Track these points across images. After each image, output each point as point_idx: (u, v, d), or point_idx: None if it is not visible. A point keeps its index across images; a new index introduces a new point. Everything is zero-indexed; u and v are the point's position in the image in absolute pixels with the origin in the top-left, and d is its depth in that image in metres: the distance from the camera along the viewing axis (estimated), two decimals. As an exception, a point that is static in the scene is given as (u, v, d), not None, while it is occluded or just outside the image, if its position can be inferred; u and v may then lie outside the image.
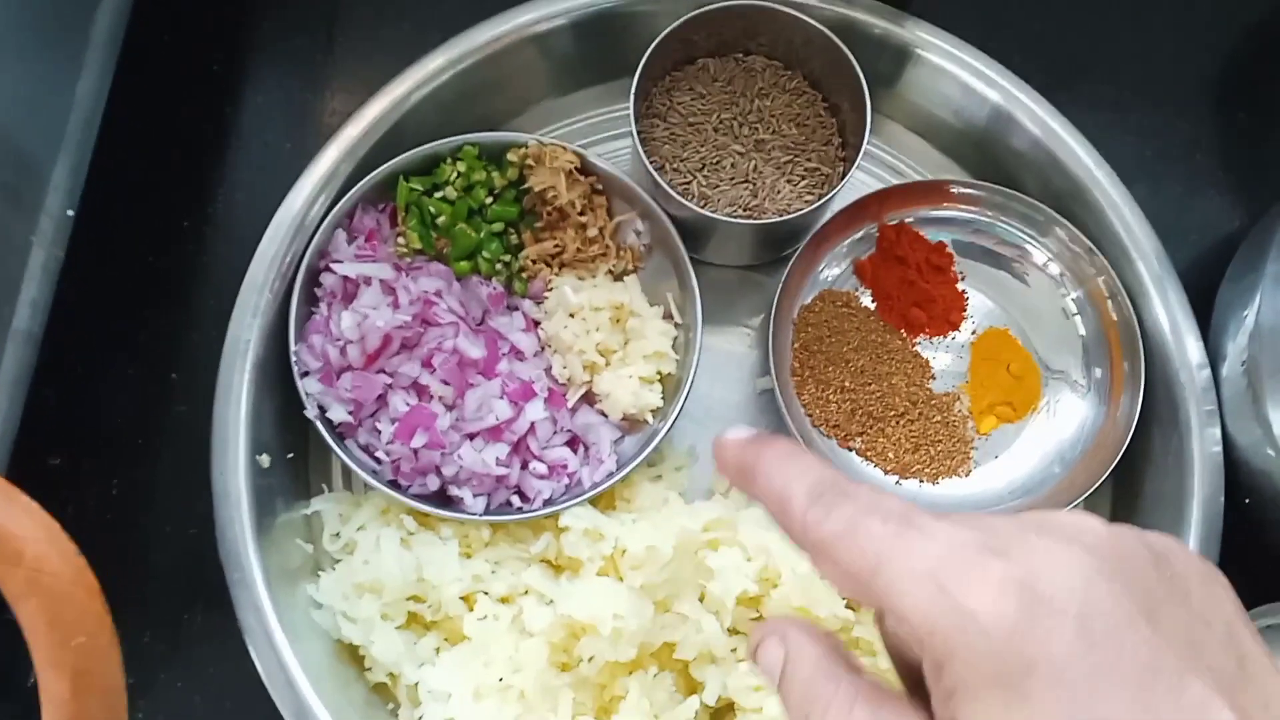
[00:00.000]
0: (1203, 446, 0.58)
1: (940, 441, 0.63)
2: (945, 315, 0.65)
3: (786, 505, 0.31)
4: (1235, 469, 0.58)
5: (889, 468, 0.63)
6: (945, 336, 0.65)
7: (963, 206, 0.65)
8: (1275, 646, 0.58)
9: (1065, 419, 0.63)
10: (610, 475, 0.59)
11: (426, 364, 0.58)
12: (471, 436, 0.58)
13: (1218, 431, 0.58)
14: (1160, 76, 0.72)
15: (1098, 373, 0.63)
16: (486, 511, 0.58)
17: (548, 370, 0.61)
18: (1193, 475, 0.57)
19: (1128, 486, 0.61)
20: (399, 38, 0.70)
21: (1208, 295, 0.63)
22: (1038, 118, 0.63)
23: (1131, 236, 0.61)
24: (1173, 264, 0.67)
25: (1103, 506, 0.62)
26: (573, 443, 0.61)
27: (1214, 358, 0.59)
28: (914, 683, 0.29)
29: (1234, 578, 0.57)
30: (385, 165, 0.61)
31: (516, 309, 0.63)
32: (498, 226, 0.63)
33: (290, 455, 0.60)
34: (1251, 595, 0.57)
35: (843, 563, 0.29)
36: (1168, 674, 0.25)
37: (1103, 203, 0.62)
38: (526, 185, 0.63)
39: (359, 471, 0.57)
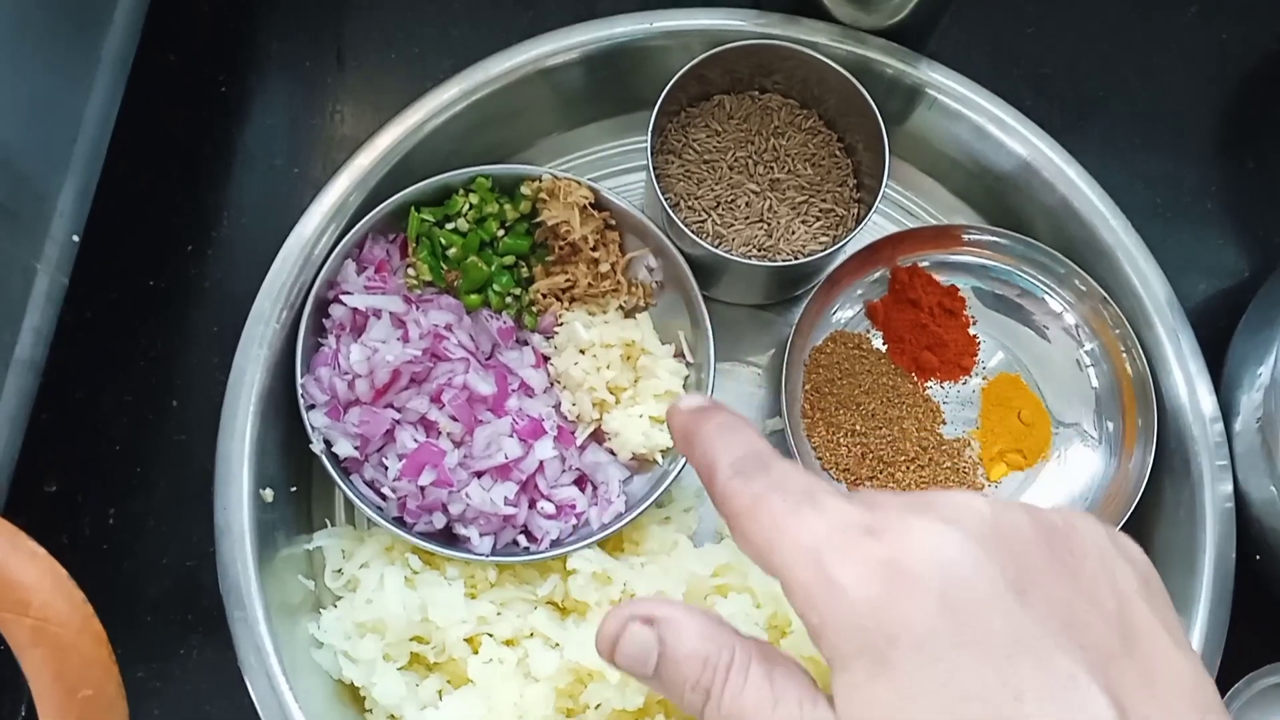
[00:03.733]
0: (1215, 501, 0.57)
1: (950, 488, 0.62)
2: (957, 360, 0.64)
3: (712, 475, 0.31)
4: (1247, 525, 0.57)
5: (898, 513, 0.62)
6: (956, 381, 0.65)
7: (977, 251, 0.65)
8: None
9: (1076, 469, 0.63)
10: (619, 516, 0.58)
11: (436, 399, 0.57)
12: (479, 474, 0.57)
13: (1230, 486, 0.58)
14: (1169, 121, 0.72)
15: (1110, 426, 0.63)
16: (493, 551, 0.57)
17: (557, 407, 0.61)
18: (1204, 530, 0.57)
19: (1138, 538, 0.60)
20: (408, 63, 0.70)
21: (1215, 344, 0.63)
22: (1054, 165, 0.63)
23: (1146, 286, 0.61)
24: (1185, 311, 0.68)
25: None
26: (580, 481, 0.60)
27: (1227, 412, 0.59)
28: None
29: (1245, 635, 0.57)
30: (397, 195, 0.60)
31: (526, 343, 0.62)
32: (509, 259, 0.62)
33: (294, 488, 0.59)
34: (1263, 653, 0.57)
35: (747, 535, 0.30)
36: (1034, 648, 0.26)
37: (1117, 251, 0.62)
38: (539, 219, 0.62)
39: (364, 508, 0.56)
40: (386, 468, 0.56)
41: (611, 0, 0.72)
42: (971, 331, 0.65)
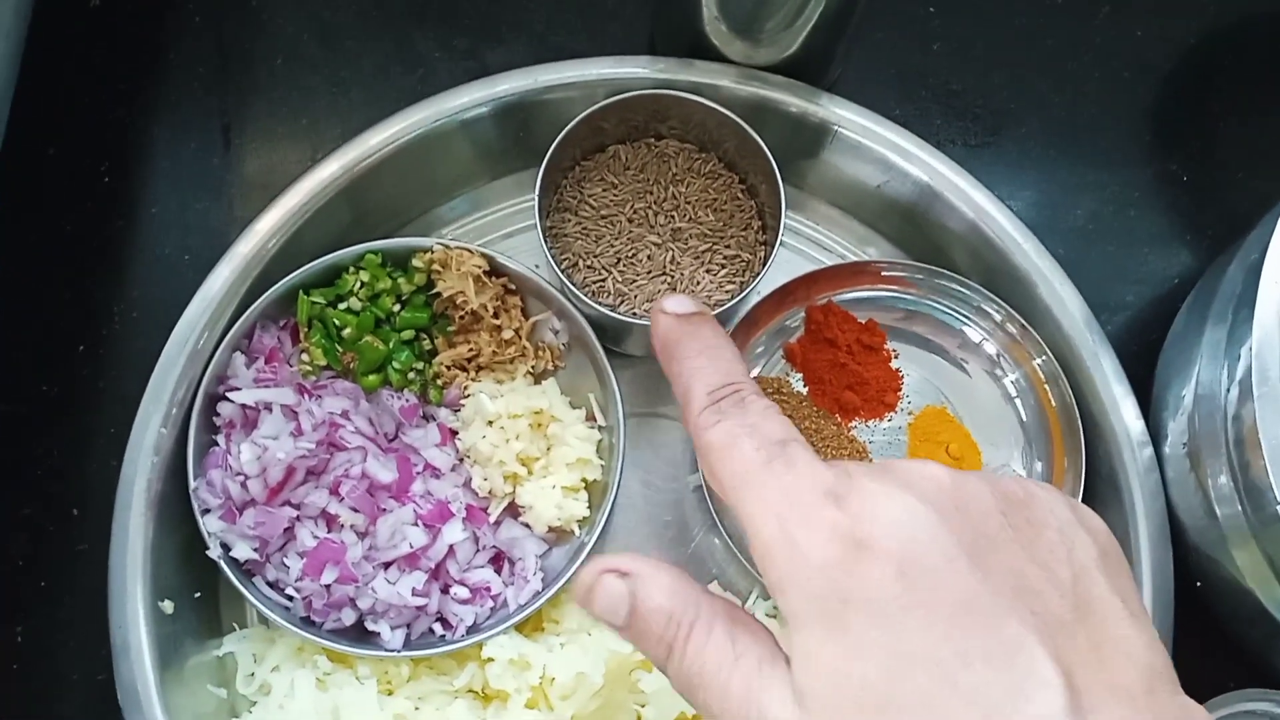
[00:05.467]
0: (1150, 530, 0.55)
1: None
2: (880, 397, 0.62)
3: (688, 399, 0.33)
4: (1185, 552, 0.55)
5: (830, 562, 0.60)
6: (881, 419, 0.63)
7: (893, 285, 0.63)
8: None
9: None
10: (537, 595, 0.56)
11: (334, 491, 0.55)
12: (386, 566, 0.55)
13: (1164, 514, 0.56)
14: (1087, 129, 0.70)
15: (1039, 466, 0.60)
16: (408, 642, 0.55)
17: (467, 483, 0.59)
18: (1142, 559, 0.55)
19: (1076, 570, 0.59)
20: (297, 136, 0.68)
21: (1148, 358, 0.62)
22: (960, 191, 0.61)
23: (1062, 309, 0.59)
24: (1113, 327, 0.66)
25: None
26: (497, 559, 0.58)
27: (1155, 435, 0.57)
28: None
29: (1190, 663, 0.55)
30: (283, 280, 0.58)
31: (432, 419, 0.60)
32: (408, 334, 0.60)
33: (198, 594, 0.57)
34: (1212, 683, 0.55)
35: (715, 471, 0.31)
36: (984, 613, 0.26)
37: (1032, 275, 0.60)
38: (436, 290, 0.60)
39: (267, 612, 0.54)
40: (289, 567, 0.54)
41: (505, 53, 0.71)
42: (894, 366, 0.63)
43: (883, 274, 0.63)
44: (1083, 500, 0.57)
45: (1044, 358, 0.60)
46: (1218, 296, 0.53)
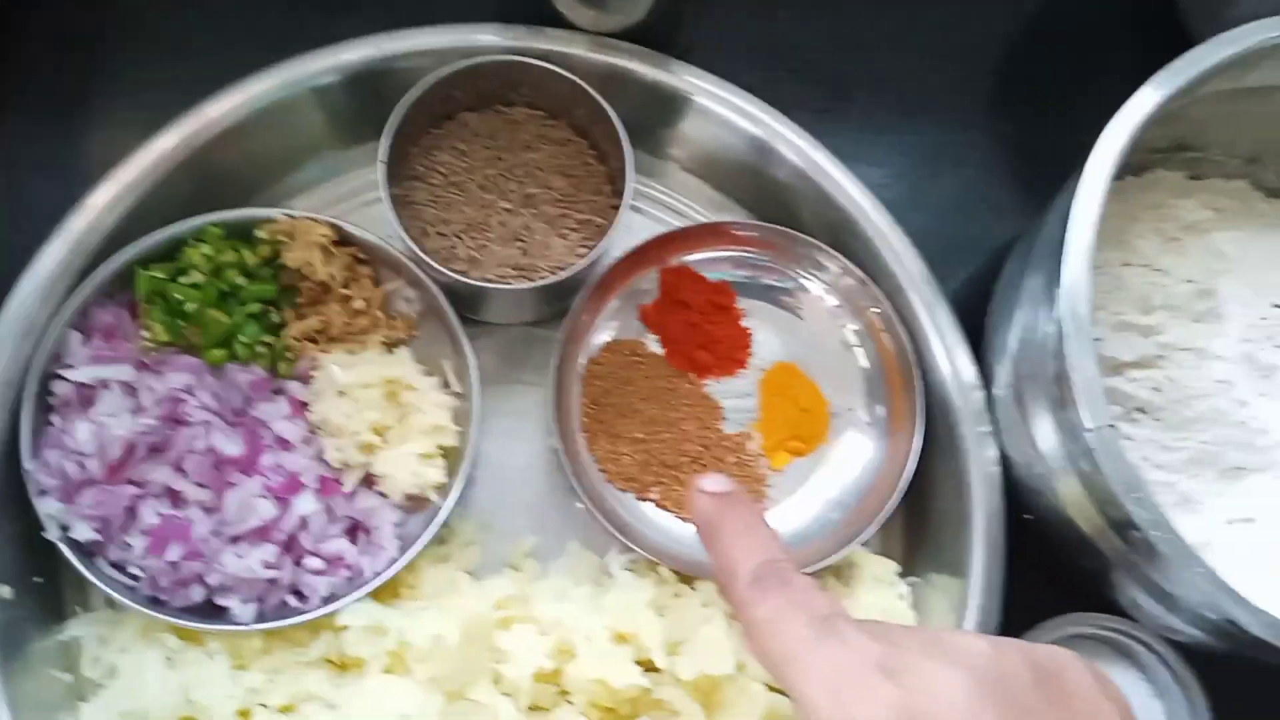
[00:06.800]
0: (980, 467, 0.58)
1: (736, 476, 0.62)
2: (731, 354, 0.64)
3: (732, 579, 0.36)
4: (1014, 487, 0.58)
5: (686, 516, 0.62)
6: (733, 376, 0.64)
7: (742, 245, 0.65)
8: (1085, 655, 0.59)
9: (853, 453, 0.63)
10: (392, 562, 0.56)
11: (178, 467, 0.54)
12: (236, 540, 0.54)
13: (994, 452, 0.58)
14: (929, 93, 0.73)
15: (879, 410, 0.63)
16: (262, 616, 0.55)
17: (320, 455, 0.58)
18: (972, 496, 0.58)
19: (917, 509, 0.62)
20: (137, 109, 0.65)
21: (984, 313, 0.64)
22: (800, 150, 0.63)
23: (899, 263, 0.62)
24: (953, 280, 0.68)
25: (895, 529, 0.62)
26: (353, 530, 0.58)
27: (986, 379, 0.60)
28: None
29: (1031, 592, 0.58)
30: (117, 255, 0.56)
31: (282, 393, 0.59)
32: (255, 308, 0.59)
33: (38, 579, 0.56)
34: (1046, 607, 0.58)
35: (764, 646, 0.34)
36: None
37: (869, 231, 0.62)
38: (283, 262, 0.59)
39: (111, 592, 0.53)
40: (132, 546, 0.53)
41: (355, 20, 0.69)
42: (744, 324, 0.65)
43: (732, 233, 0.65)
44: (921, 445, 0.60)
45: (881, 308, 0.62)
46: (1038, 245, 0.56)
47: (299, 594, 0.55)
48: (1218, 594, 0.47)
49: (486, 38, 0.63)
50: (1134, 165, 0.63)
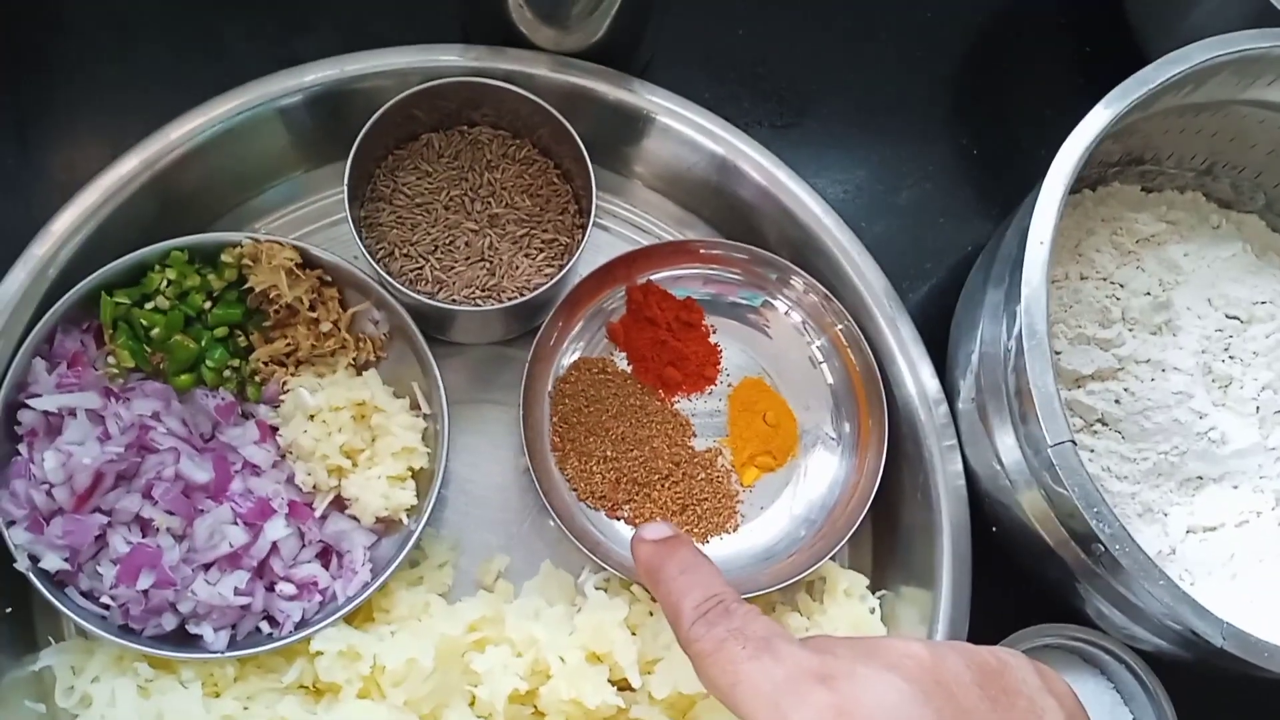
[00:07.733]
0: (946, 480, 0.59)
1: (706, 499, 0.62)
2: (699, 371, 0.65)
3: (678, 616, 0.37)
4: (980, 499, 0.59)
5: (658, 533, 0.62)
6: (702, 392, 0.65)
7: (708, 263, 0.65)
8: (1049, 665, 0.60)
9: (822, 469, 0.63)
10: (365, 586, 0.56)
11: (148, 495, 0.54)
12: (206, 567, 0.54)
13: (959, 465, 0.59)
14: (885, 107, 0.74)
15: (846, 427, 0.64)
16: (234, 643, 0.55)
17: (290, 480, 0.58)
18: (940, 508, 0.59)
19: (886, 522, 0.63)
20: (98, 131, 0.65)
21: (945, 324, 0.65)
22: (762, 167, 0.63)
23: (863, 279, 0.62)
24: (914, 295, 0.69)
25: (865, 543, 0.63)
26: (325, 554, 0.58)
27: (950, 393, 0.61)
28: None
29: (994, 603, 0.59)
30: (83, 282, 0.56)
31: (251, 417, 0.59)
32: (221, 332, 0.59)
33: (9, 609, 0.55)
34: (1015, 618, 0.59)
35: (710, 677, 0.34)
36: None
37: (832, 247, 0.63)
38: (249, 285, 0.59)
39: (82, 623, 0.53)
40: (103, 575, 0.53)
41: (315, 40, 0.69)
42: (712, 340, 0.65)
43: (700, 252, 0.65)
44: (885, 457, 0.61)
45: (845, 324, 0.63)
46: (997, 260, 0.57)
47: (272, 620, 0.55)
48: (1178, 605, 0.48)
49: (448, 58, 0.63)
50: (1090, 179, 0.64)
